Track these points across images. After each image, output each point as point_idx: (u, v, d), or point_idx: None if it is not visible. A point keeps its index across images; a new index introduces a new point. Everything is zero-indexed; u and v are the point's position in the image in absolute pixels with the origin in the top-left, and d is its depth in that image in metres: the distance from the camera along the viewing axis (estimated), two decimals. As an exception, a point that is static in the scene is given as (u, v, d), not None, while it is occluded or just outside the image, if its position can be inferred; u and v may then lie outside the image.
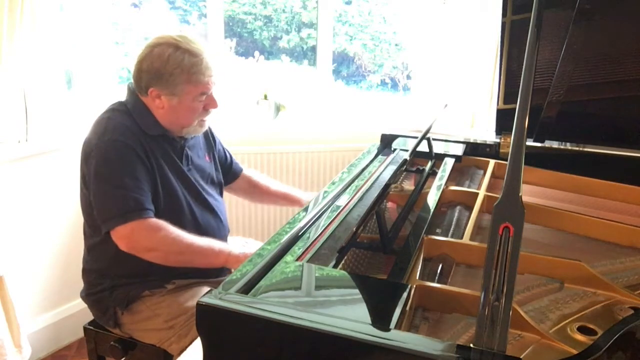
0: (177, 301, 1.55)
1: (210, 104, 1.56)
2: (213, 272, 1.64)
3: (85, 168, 1.51)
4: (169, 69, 1.47)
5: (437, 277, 1.16)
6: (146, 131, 1.52)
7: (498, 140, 1.95)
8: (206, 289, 1.58)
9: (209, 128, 1.76)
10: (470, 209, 1.47)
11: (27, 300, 2.18)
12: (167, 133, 1.57)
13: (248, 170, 1.95)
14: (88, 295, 1.63)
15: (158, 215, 1.50)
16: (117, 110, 1.54)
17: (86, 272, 1.65)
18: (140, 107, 1.55)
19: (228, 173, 1.85)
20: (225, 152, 1.85)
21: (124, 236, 1.44)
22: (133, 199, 1.44)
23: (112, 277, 1.58)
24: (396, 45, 3.36)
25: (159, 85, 1.50)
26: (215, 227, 1.66)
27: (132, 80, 1.58)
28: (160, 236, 1.45)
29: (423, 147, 1.71)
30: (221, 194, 1.78)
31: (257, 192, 1.93)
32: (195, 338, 1.39)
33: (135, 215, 1.43)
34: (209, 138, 1.77)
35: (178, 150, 1.60)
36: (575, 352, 0.89)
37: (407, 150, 1.73)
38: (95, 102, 2.42)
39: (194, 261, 1.53)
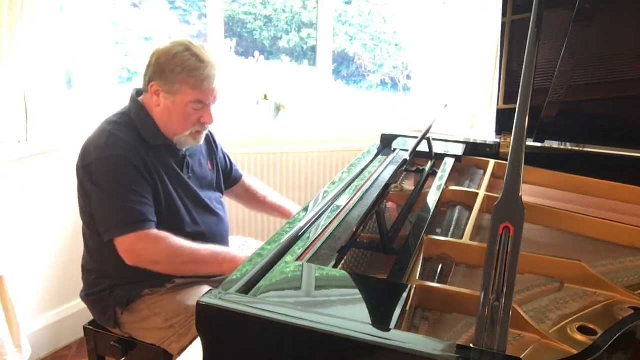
0: (176, 300, 1.55)
1: (205, 117, 1.54)
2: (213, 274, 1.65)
3: (83, 176, 1.51)
4: (171, 65, 1.48)
5: (437, 277, 1.16)
6: (149, 141, 1.53)
7: (498, 140, 1.95)
8: (206, 287, 1.59)
9: (211, 134, 1.78)
10: (470, 209, 1.47)
11: (27, 300, 2.18)
12: (169, 142, 1.57)
13: (248, 178, 1.96)
14: (88, 295, 1.63)
15: (161, 224, 1.51)
16: (118, 122, 1.54)
17: (86, 273, 1.65)
18: (143, 114, 1.56)
19: (228, 179, 1.86)
20: (226, 158, 1.86)
21: (127, 249, 1.46)
22: (135, 211, 1.45)
23: (112, 277, 1.58)
24: (396, 45, 3.36)
25: (159, 80, 1.51)
26: (218, 232, 1.68)
27: (135, 88, 1.61)
28: (162, 248, 1.47)
29: (423, 147, 1.71)
30: (222, 199, 1.79)
31: (253, 201, 1.94)
32: (195, 337, 1.39)
33: (137, 226, 1.45)
34: (211, 144, 1.79)
35: (179, 159, 1.61)
36: (575, 352, 0.89)
37: (407, 150, 1.73)
38: (95, 102, 2.42)
39: (199, 270, 1.55)
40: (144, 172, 1.49)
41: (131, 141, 1.50)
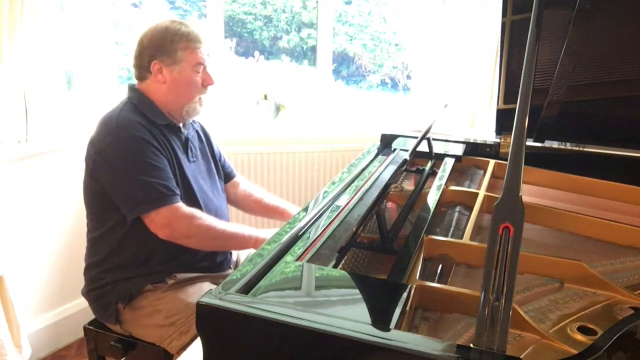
0: (178, 297, 1.56)
1: (206, 79, 1.62)
2: (214, 267, 1.67)
3: (97, 162, 1.53)
4: (168, 37, 1.56)
5: (437, 277, 1.16)
6: (155, 120, 1.58)
7: (498, 140, 1.94)
8: (207, 285, 1.61)
9: (203, 128, 1.81)
10: (470, 209, 1.47)
11: (27, 300, 2.18)
12: (173, 122, 1.61)
13: (243, 182, 1.96)
14: (90, 291, 1.64)
15: None
16: (124, 109, 1.58)
17: (88, 268, 1.65)
18: (143, 98, 1.60)
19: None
20: (218, 150, 1.88)
21: (162, 223, 1.50)
22: (162, 185, 1.50)
23: (114, 271, 1.59)
24: (396, 45, 3.36)
25: (161, 56, 1.57)
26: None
27: (130, 82, 1.64)
28: (196, 223, 1.53)
29: (423, 147, 1.71)
30: (223, 189, 1.81)
31: (248, 201, 1.94)
32: (196, 335, 1.39)
33: (167, 200, 1.50)
34: (206, 135, 1.82)
35: (183, 142, 1.65)
36: (575, 352, 0.89)
37: (407, 150, 1.73)
38: (95, 102, 2.42)
39: (226, 246, 1.67)
40: (160, 148, 1.54)
41: (140, 122, 1.55)
